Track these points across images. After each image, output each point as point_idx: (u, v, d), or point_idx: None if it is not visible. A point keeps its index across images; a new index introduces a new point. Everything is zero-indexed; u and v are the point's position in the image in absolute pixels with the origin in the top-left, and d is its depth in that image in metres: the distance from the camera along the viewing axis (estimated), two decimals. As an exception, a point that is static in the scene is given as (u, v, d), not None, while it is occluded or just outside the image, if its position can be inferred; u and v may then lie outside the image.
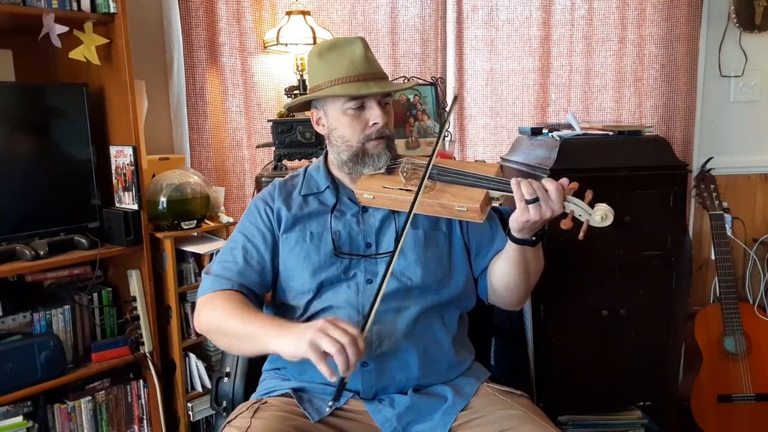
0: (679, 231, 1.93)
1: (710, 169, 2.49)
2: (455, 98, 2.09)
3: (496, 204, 1.34)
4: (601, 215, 1.21)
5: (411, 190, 1.32)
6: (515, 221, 1.27)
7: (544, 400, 1.91)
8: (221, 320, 1.31)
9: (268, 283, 1.42)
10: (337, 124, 1.40)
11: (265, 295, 1.45)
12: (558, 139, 1.91)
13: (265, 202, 1.45)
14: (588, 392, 1.97)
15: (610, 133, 1.99)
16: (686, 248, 2.02)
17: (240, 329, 1.28)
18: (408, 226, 1.28)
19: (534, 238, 1.31)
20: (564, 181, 1.25)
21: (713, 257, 2.45)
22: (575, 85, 2.56)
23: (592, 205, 1.23)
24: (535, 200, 1.22)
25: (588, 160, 1.87)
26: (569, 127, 2.13)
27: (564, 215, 1.23)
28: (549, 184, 1.24)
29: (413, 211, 1.29)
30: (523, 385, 1.51)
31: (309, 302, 1.38)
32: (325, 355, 1.12)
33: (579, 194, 1.25)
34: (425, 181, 1.31)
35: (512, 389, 1.39)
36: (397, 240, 1.29)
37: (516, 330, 1.82)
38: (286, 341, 1.18)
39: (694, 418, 2.36)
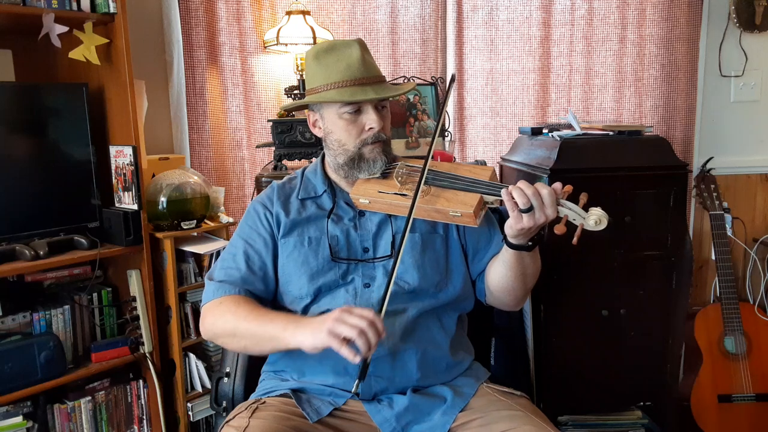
0: (680, 231, 1.93)
1: (710, 169, 2.49)
2: (453, 78, 2.05)
3: (493, 206, 1.34)
4: (595, 219, 1.20)
5: (405, 195, 1.32)
6: (510, 228, 1.26)
7: (544, 400, 1.91)
8: (234, 324, 1.31)
9: (271, 288, 1.42)
10: (333, 128, 1.39)
11: (270, 301, 1.44)
12: (558, 139, 1.91)
13: (264, 206, 1.45)
14: (588, 392, 1.97)
15: (611, 133, 1.99)
16: (686, 248, 2.02)
17: (257, 330, 1.29)
18: (407, 233, 1.28)
19: (530, 243, 1.30)
20: (557, 185, 1.24)
21: (713, 257, 2.44)
22: (575, 85, 2.56)
23: (586, 208, 1.22)
24: (530, 209, 1.21)
25: (588, 160, 1.87)
26: (569, 127, 2.13)
27: (558, 219, 1.22)
28: (542, 188, 1.22)
29: (411, 217, 1.28)
30: (523, 385, 1.51)
31: (306, 307, 1.38)
32: (345, 342, 1.14)
33: (573, 197, 1.23)
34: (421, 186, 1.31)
35: (512, 390, 1.39)
36: (394, 246, 1.28)
37: (516, 330, 1.82)
38: (306, 335, 1.19)
39: (694, 418, 2.35)
